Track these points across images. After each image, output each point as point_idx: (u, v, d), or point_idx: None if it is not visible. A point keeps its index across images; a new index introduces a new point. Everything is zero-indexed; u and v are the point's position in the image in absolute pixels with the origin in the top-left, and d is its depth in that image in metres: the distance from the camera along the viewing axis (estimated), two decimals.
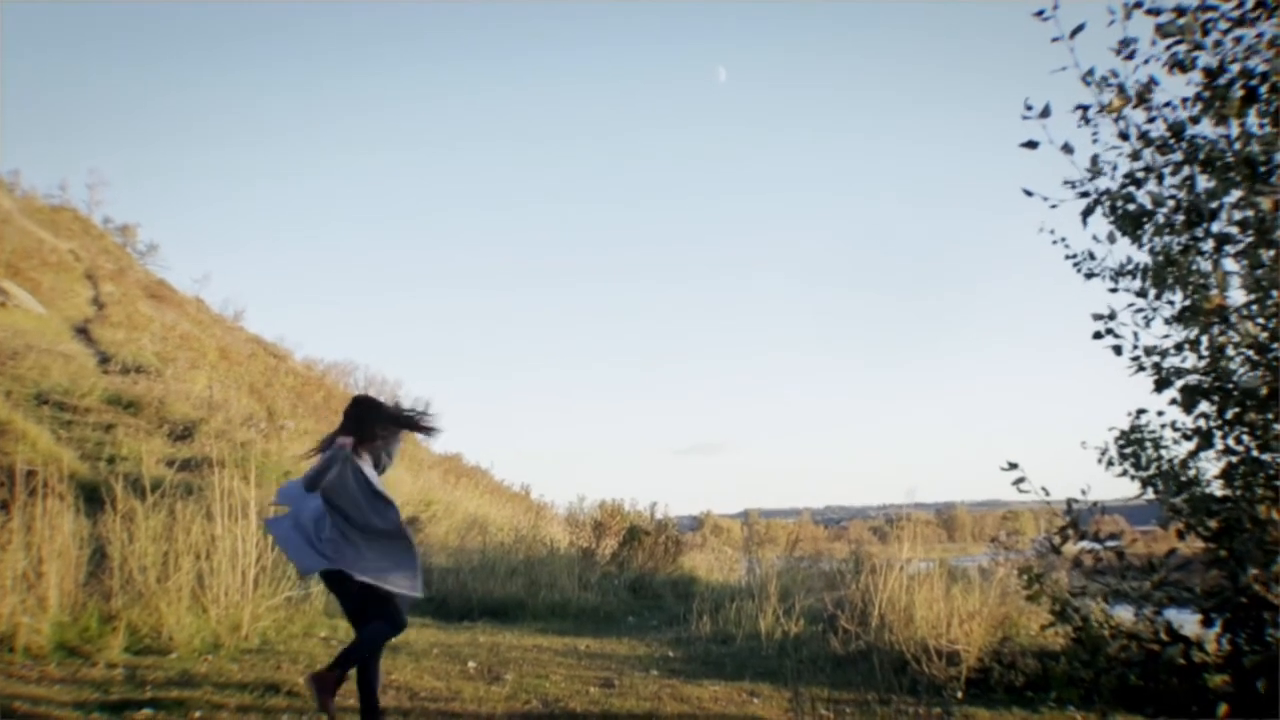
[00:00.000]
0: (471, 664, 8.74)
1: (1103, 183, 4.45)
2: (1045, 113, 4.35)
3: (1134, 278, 4.44)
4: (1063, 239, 4.73)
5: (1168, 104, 4.28)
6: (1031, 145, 4.45)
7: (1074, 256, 4.69)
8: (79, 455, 15.82)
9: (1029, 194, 4.61)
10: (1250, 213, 4.01)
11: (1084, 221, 4.49)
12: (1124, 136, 4.36)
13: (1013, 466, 4.42)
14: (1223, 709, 4.03)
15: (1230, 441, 4.28)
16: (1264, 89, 4.00)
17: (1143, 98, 4.29)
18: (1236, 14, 4.11)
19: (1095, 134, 4.45)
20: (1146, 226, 4.34)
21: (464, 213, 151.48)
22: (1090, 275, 4.64)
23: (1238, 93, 4.03)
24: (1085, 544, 4.54)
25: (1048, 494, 4.38)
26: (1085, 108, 4.42)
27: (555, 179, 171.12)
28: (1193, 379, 4.32)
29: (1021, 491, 4.39)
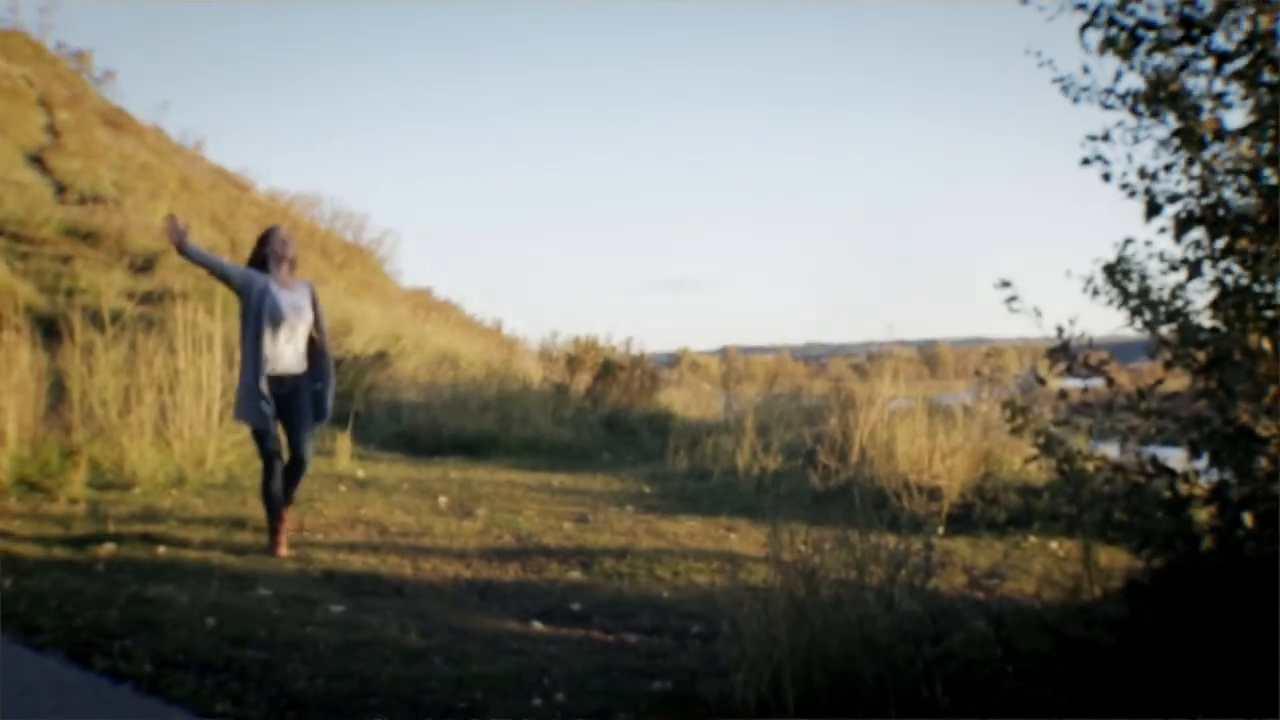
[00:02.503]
0: (443, 499, 8.65)
1: None
2: None
3: (1124, 101, 4.18)
4: (1049, 61, 4.47)
5: None
6: None
7: (1061, 79, 4.42)
8: (36, 288, 15.51)
9: (1024, 1, 4.33)
10: (1262, 20, 3.75)
11: (1081, 35, 4.21)
12: None
13: (1005, 285, 4.23)
14: (1207, 542, 3.95)
15: (1220, 271, 4.09)
16: None
17: None
18: None
19: None
20: (1143, 42, 4.06)
21: (433, 35, 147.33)
22: (1077, 99, 4.38)
23: None
24: (1072, 380, 4.39)
25: (1039, 315, 4.19)
26: None
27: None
28: (1187, 203, 4.10)
29: (1013, 311, 4.21)
